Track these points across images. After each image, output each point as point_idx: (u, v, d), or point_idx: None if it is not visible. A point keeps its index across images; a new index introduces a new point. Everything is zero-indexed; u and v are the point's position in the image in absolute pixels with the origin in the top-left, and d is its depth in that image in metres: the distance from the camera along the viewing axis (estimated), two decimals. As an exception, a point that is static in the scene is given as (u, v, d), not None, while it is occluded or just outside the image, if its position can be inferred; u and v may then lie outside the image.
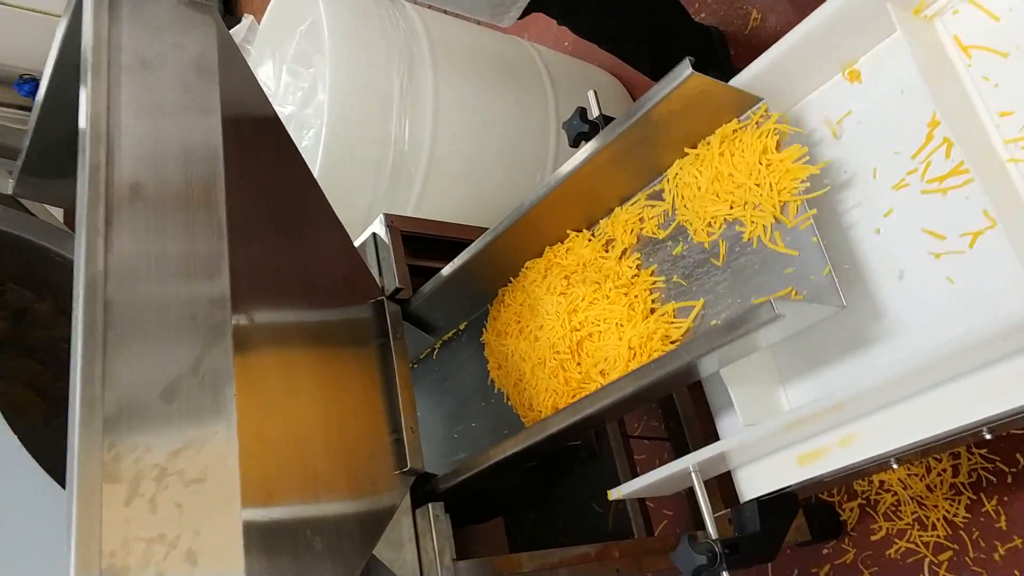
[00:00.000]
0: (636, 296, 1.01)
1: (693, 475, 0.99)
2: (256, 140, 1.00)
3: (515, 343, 1.16)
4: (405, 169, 1.64)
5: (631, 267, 1.04)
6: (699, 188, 0.95)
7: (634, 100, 1.91)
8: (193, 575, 0.68)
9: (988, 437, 0.84)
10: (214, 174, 0.84)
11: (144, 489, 0.71)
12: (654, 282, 1.02)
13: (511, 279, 1.24)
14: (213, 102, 0.89)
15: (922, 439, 0.81)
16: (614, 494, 1.06)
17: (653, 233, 1.05)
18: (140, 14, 0.91)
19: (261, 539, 0.79)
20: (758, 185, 0.89)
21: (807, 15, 0.92)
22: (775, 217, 0.89)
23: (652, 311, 1.01)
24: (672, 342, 0.97)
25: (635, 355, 0.98)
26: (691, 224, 1.00)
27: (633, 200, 1.08)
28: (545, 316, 1.11)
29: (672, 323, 0.99)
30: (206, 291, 0.79)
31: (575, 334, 1.06)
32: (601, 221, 1.13)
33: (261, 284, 0.93)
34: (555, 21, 1.62)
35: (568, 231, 1.16)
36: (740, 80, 0.92)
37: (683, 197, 0.99)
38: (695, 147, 0.98)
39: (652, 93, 0.89)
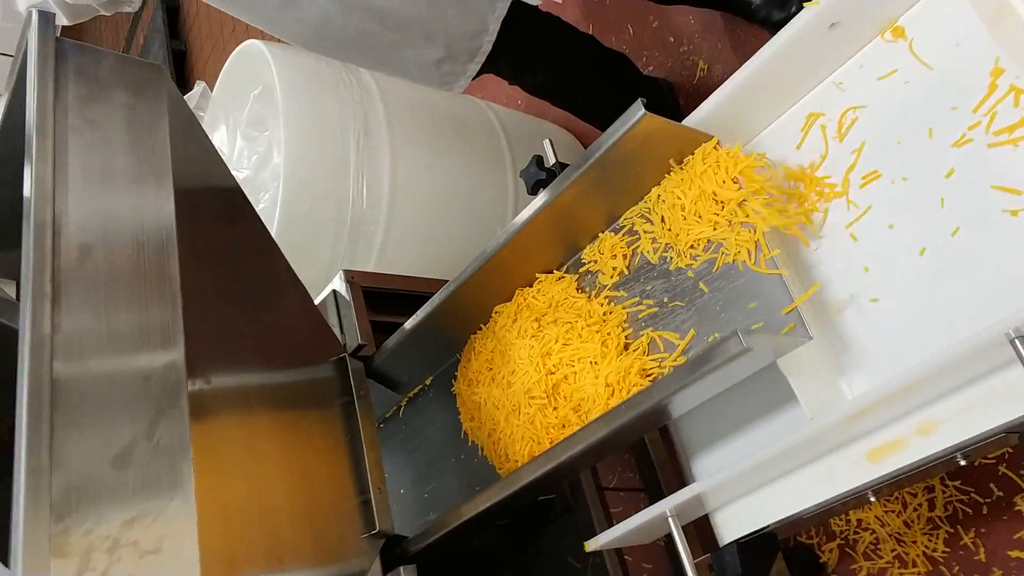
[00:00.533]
0: (609, 333, 1.00)
1: (670, 520, 0.97)
2: (211, 203, 0.98)
3: (487, 391, 1.14)
4: (364, 226, 1.63)
5: (602, 304, 1.03)
6: (682, 209, 0.95)
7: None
8: (150, 651, 0.64)
9: (962, 463, 0.84)
10: (167, 239, 0.81)
11: (95, 563, 0.67)
12: (626, 317, 1.01)
13: (480, 326, 1.22)
14: (164, 165, 0.88)
15: (898, 468, 0.81)
16: (591, 545, 1.03)
17: (626, 265, 1.04)
18: (86, 74, 0.90)
19: (223, 611, 0.74)
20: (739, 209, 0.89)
21: None
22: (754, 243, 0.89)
23: (627, 347, 1.00)
24: (648, 376, 0.96)
25: (614, 392, 0.96)
26: (673, 249, 0.99)
27: (608, 231, 1.08)
28: (517, 361, 1.09)
29: (648, 356, 0.98)
30: (160, 359, 0.76)
31: (550, 377, 1.03)
32: (579, 255, 1.13)
33: (218, 348, 0.90)
34: (506, 82, 1.65)
35: (536, 274, 1.15)
36: (692, 120, 0.93)
37: (665, 220, 0.98)
38: (649, 190, 0.99)
39: (607, 135, 0.90)
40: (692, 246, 0.95)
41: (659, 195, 0.98)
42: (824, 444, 0.87)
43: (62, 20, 1.50)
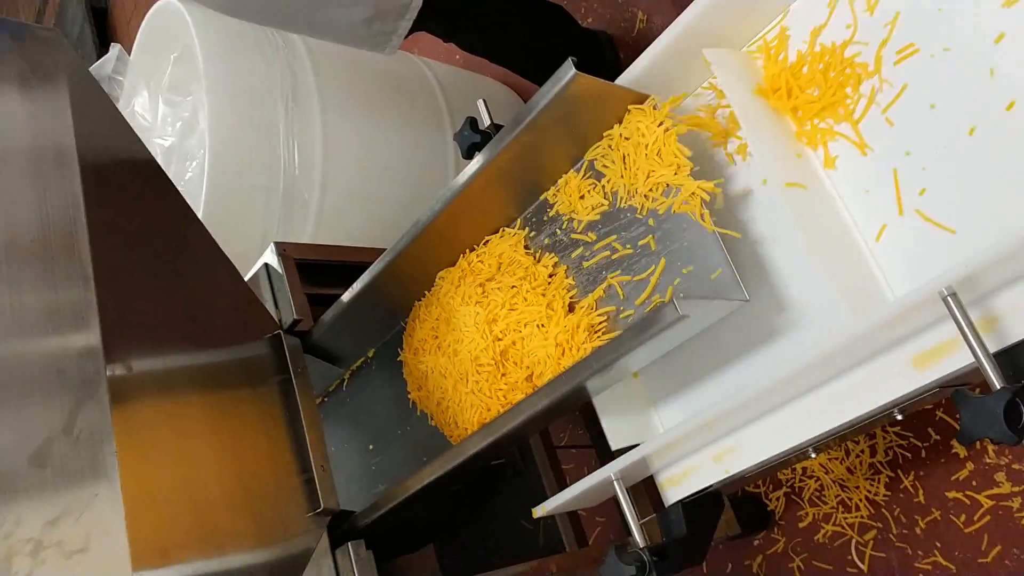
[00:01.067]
0: (554, 295, 0.98)
1: (616, 483, 0.97)
2: (122, 176, 0.93)
3: (434, 360, 1.11)
4: (298, 194, 1.57)
5: (547, 267, 1.01)
6: (640, 152, 0.92)
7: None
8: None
9: (899, 417, 0.84)
10: (74, 217, 0.76)
11: (18, 568, 0.64)
12: (572, 277, 1.00)
13: (424, 293, 1.19)
14: (66, 138, 0.82)
15: (837, 425, 0.81)
16: (538, 511, 1.02)
17: (590, 207, 1.01)
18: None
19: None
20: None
21: None
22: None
23: (571, 307, 0.98)
24: (596, 332, 0.95)
25: (564, 352, 0.94)
26: (628, 192, 0.95)
27: (572, 171, 1.04)
28: (463, 328, 1.06)
29: (596, 312, 0.96)
30: (74, 344, 0.72)
31: (497, 344, 1.01)
32: (537, 202, 1.09)
33: (139, 330, 0.85)
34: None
35: (481, 237, 1.12)
36: (626, 78, 0.91)
37: (614, 165, 0.95)
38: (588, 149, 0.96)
39: (538, 96, 0.87)
40: (651, 190, 0.92)
41: (620, 133, 0.95)
42: (765, 402, 0.87)
43: None
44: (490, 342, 1.01)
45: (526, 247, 1.06)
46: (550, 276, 1.00)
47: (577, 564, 1.23)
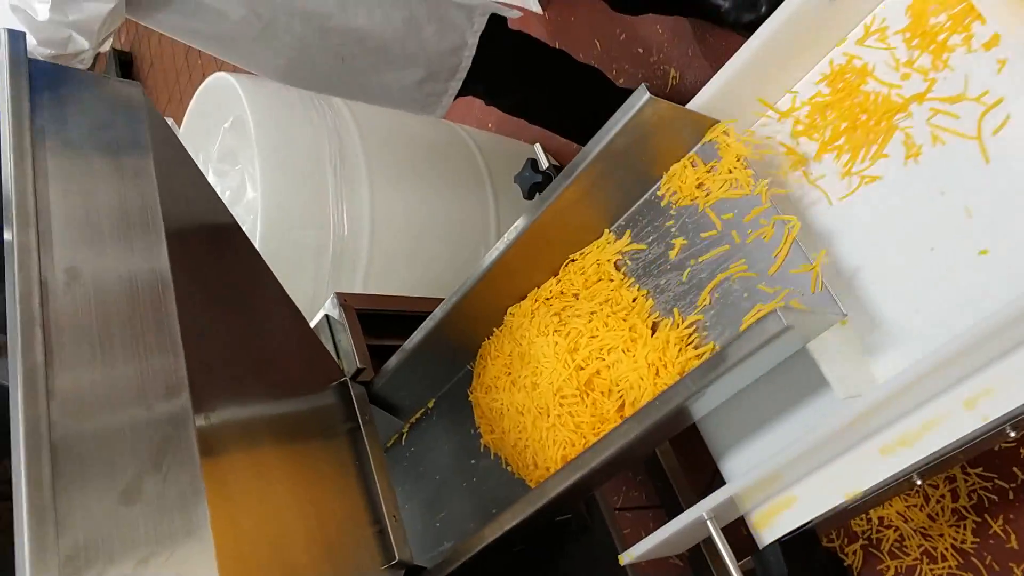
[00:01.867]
0: (636, 319, 0.96)
1: (709, 523, 0.92)
2: (206, 240, 0.93)
3: (509, 396, 1.08)
4: (346, 253, 1.58)
5: (630, 290, 0.99)
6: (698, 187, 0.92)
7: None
8: None
9: (1012, 435, 0.81)
10: (162, 281, 0.75)
11: (111, 607, 0.61)
12: (650, 300, 0.98)
13: (493, 330, 1.16)
14: (151, 192, 0.83)
15: (950, 442, 0.77)
16: (625, 558, 0.98)
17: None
18: (62, 95, 0.84)
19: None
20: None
21: (722, 66, 0.93)
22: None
23: (654, 328, 0.96)
24: (689, 344, 0.92)
25: (657, 371, 0.91)
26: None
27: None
28: (542, 360, 1.03)
29: (683, 325, 0.93)
30: (164, 407, 0.70)
31: (580, 373, 0.98)
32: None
33: (220, 382, 0.84)
34: (485, 105, 1.62)
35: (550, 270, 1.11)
36: (696, 103, 0.91)
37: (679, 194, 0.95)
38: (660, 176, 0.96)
39: (613, 121, 0.87)
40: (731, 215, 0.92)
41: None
42: (865, 427, 0.84)
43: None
44: (572, 371, 0.98)
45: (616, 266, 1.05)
46: (634, 300, 0.97)
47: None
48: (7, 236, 0.72)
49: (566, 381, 0.99)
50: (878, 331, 0.86)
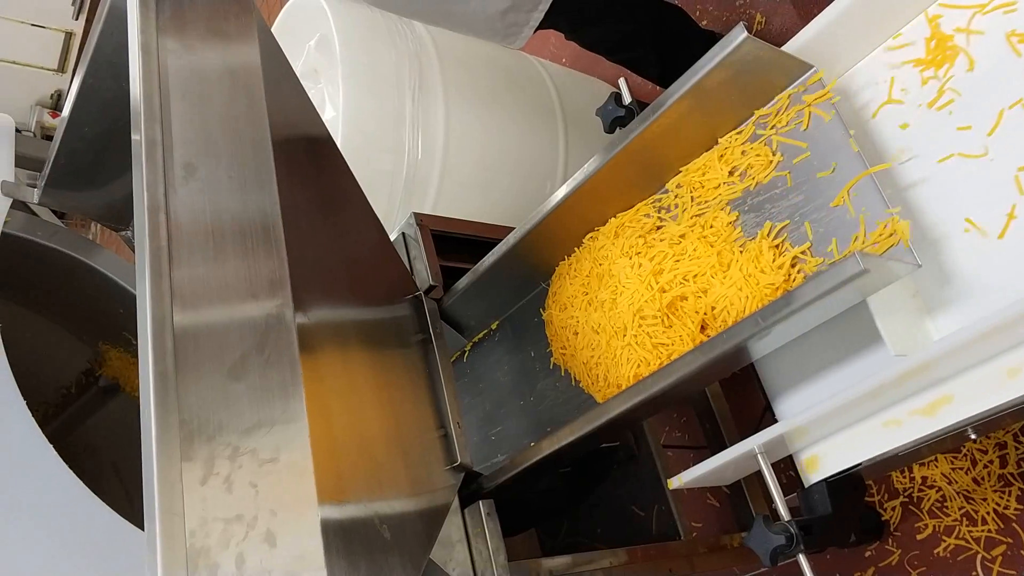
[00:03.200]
0: (723, 245, 0.98)
1: (759, 456, 0.97)
2: (306, 152, 0.98)
3: (585, 315, 1.11)
4: (419, 179, 1.62)
5: (724, 217, 1.00)
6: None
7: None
8: (272, 556, 0.64)
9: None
10: (269, 198, 0.80)
11: (219, 468, 0.67)
12: (738, 229, 1.00)
13: (574, 249, 1.20)
14: (259, 92, 0.87)
15: (1013, 399, 0.80)
16: (674, 482, 1.03)
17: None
18: (181, 4, 0.89)
19: (335, 522, 0.75)
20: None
21: (811, 15, 0.93)
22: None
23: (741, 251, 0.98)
24: (781, 253, 0.92)
25: (751, 289, 0.92)
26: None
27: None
28: (624, 280, 1.06)
29: (774, 237, 0.94)
30: (269, 305, 0.76)
31: (663, 295, 1.00)
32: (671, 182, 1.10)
33: (315, 285, 0.90)
34: (562, 39, 1.63)
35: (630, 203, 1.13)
36: (792, 46, 0.92)
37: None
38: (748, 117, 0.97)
39: (707, 59, 0.89)
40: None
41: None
42: (922, 379, 0.86)
43: None
44: (656, 293, 1.01)
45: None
46: (727, 224, 0.99)
47: (694, 552, 1.23)
48: (135, 134, 0.78)
49: (647, 302, 1.02)
50: (948, 286, 0.87)
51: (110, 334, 1.53)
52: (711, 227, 1.00)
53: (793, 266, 0.91)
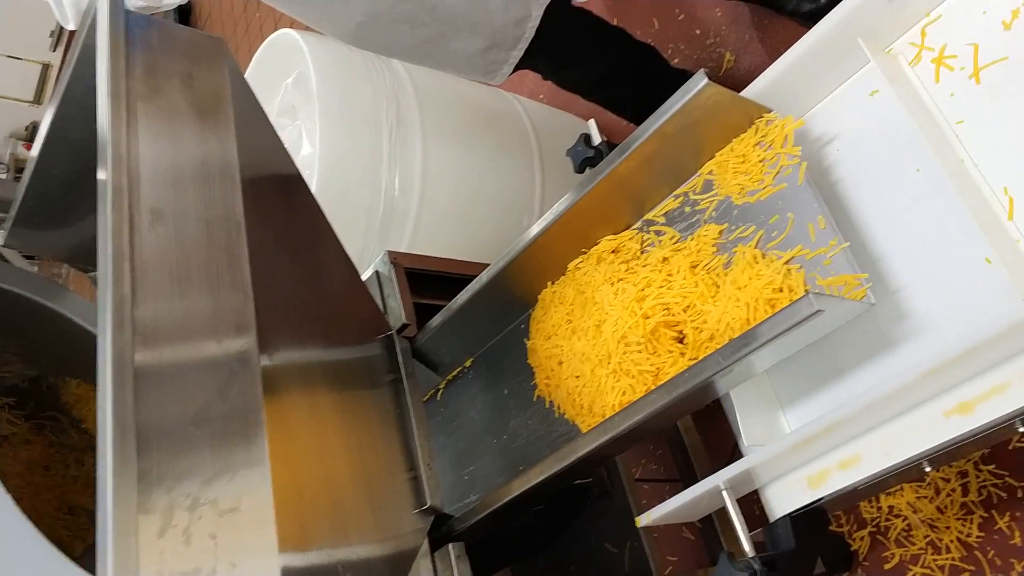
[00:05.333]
0: (707, 268, 0.99)
1: (724, 493, 0.97)
2: (275, 190, 0.99)
3: (569, 343, 1.12)
4: (396, 215, 1.63)
5: (709, 239, 1.02)
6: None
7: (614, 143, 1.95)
8: (231, 608, 0.64)
9: (1021, 430, 0.84)
10: (236, 232, 0.81)
11: (177, 519, 0.67)
12: (715, 248, 1.01)
13: (554, 280, 1.21)
14: (228, 132, 0.88)
15: (962, 433, 0.81)
16: (642, 519, 1.03)
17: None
18: (151, 45, 0.90)
19: (296, 570, 0.74)
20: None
21: (778, 53, 0.96)
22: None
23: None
24: (778, 290, 0.92)
25: (750, 308, 0.92)
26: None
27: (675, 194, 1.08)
28: (608, 307, 1.06)
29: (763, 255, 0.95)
30: (233, 344, 0.76)
31: (646, 322, 1.00)
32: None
33: (281, 325, 0.90)
34: (540, 76, 1.66)
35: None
36: (751, 91, 0.94)
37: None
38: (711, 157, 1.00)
39: (670, 104, 0.91)
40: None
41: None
42: (878, 415, 0.88)
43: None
44: (639, 319, 1.01)
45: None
46: (698, 250, 1.00)
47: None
48: (101, 176, 0.78)
49: (631, 329, 1.02)
50: (903, 322, 0.89)
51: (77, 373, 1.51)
52: (697, 251, 1.01)
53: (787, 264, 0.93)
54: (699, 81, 0.88)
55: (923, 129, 0.85)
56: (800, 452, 0.94)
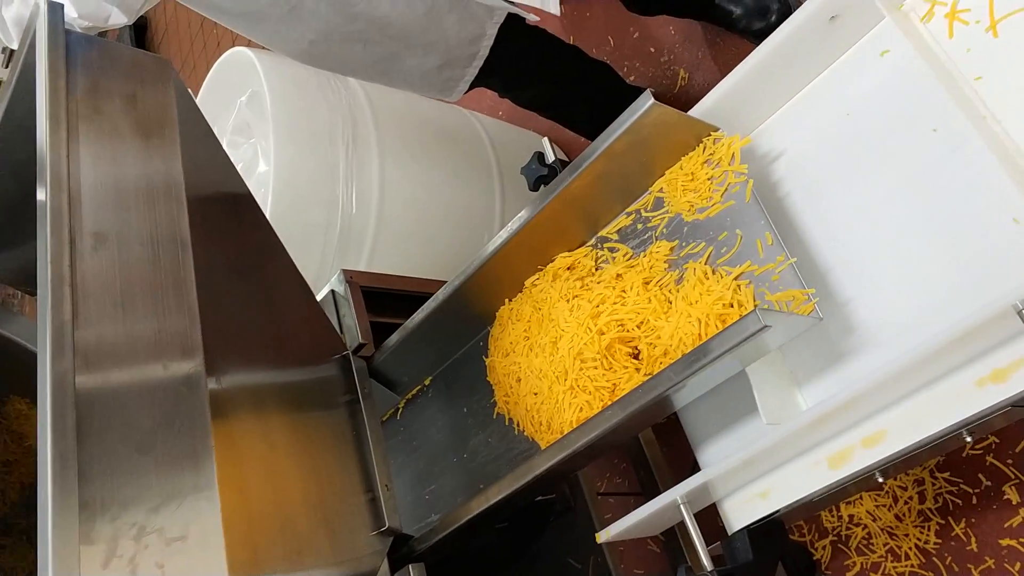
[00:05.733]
0: (659, 285, 1.00)
1: (682, 507, 0.98)
2: (223, 211, 0.98)
3: (527, 360, 1.12)
4: (354, 232, 1.62)
5: (660, 255, 1.02)
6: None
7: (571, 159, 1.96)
8: (179, 642, 0.63)
9: (968, 439, 0.86)
10: (182, 246, 0.80)
11: (123, 549, 0.66)
12: (666, 264, 1.02)
13: (511, 297, 1.21)
14: (173, 152, 0.87)
15: (910, 444, 0.83)
16: (602, 535, 1.03)
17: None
18: (93, 65, 0.89)
19: (248, 602, 0.73)
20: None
21: (731, 70, 0.98)
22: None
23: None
24: (728, 305, 0.92)
25: (702, 323, 0.93)
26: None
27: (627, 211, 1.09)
28: (563, 324, 1.06)
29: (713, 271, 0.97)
30: (180, 367, 0.75)
31: (601, 338, 1.01)
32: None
33: (231, 347, 0.89)
34: (496, 94, 1.66)
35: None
36: (698, 110, 0.95)
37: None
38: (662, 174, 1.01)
39: (618, 124, 0.92)
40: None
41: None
42: (832, 425, 0.89)
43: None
44: (594, 335, 1.01)
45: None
46: (651, 267, 1.01)
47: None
48: (40, 197, 0.77)
49: (586, 345, 1.02)
50: (852, 335, 0.91)
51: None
52: (650, 267, 1.02)
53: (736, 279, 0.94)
54: (646, 101, 0.89)
55: (944, 85, 0.83)
56: (754, 467, 0.95)
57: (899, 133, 0.90)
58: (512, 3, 1.37)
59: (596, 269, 1.10)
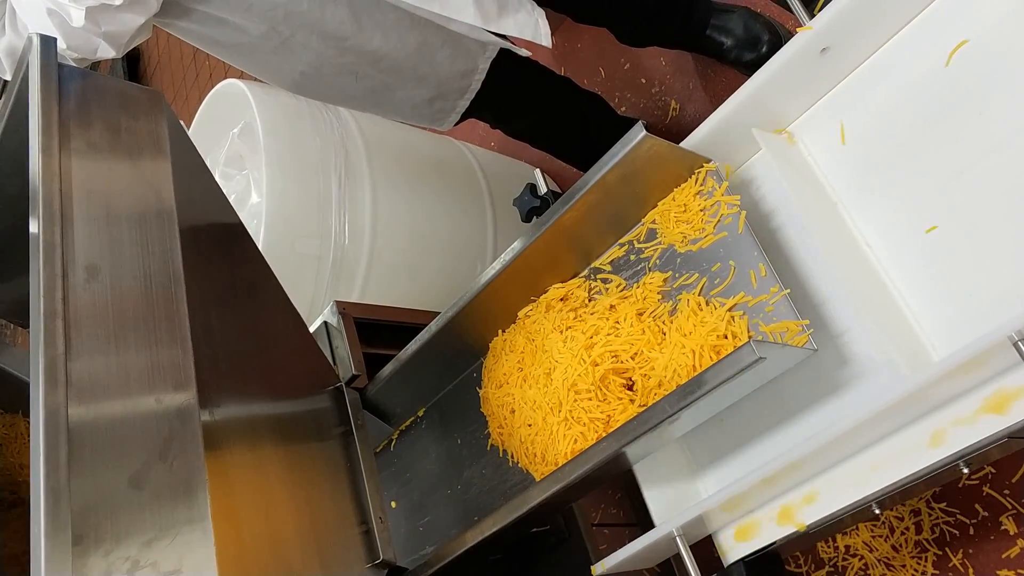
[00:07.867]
0: (653, 316, 1.00)
1: (678, 539, 0.97)
2: (215, 241, 0.98)
3: (521, 392, 1.11)
4: (347, 264, 1.62)
5: (654, 286, 1.03)
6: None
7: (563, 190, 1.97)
8: None
9: (965, 471, 0.86)
10: (174, 279, 0.80)
11: (116, 584, 0.65)
12: (660, 295, 1.02)
13: (504, 329, 1.21)
14: (166, 184, 0.87)
15: (907, 476, 0.82)
16: (598, 568, 1.02)
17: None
18: (86, 98, 0.89)
19: (241, 638, 0.72)
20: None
21: (722, 101, 0.99)
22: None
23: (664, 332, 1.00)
24: (723, 337, 0.93)
25: (696, 354, 0.92)
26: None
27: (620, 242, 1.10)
28: (557, 355, 1.06)
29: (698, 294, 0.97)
30: (172, 399, 0.75)
31: (595, 369, 1.01)
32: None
33: (224, 379, 0.88)
34: (488, 125, 1.68)
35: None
36: (689, 142, 0.96)
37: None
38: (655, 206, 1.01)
39: (610, 156, 0.93)
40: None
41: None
42: (830, 456, 0.89)
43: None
44: (588, 367, 1.01)
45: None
46: (645, 298, 1.01)
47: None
48: (32, 230, 0.77)
49: (580, 376, 1.02)
50: (846, 367, 0.91)
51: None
52: (643, 298, 1.02)
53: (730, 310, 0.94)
54: (638, 133, 0.89)
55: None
56: (750, 499, 0.94)
57: (895, 162, 0.91)
58: (504, 38, 1.38)
59: (589, 300, 1.10)
